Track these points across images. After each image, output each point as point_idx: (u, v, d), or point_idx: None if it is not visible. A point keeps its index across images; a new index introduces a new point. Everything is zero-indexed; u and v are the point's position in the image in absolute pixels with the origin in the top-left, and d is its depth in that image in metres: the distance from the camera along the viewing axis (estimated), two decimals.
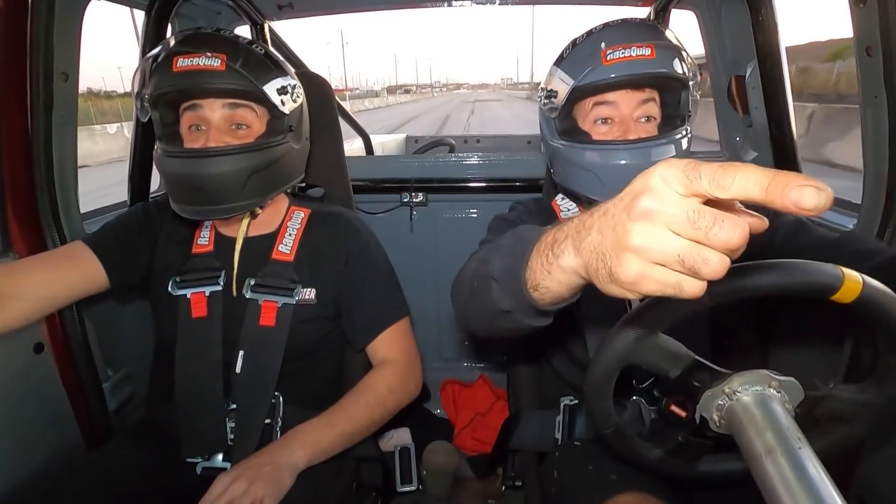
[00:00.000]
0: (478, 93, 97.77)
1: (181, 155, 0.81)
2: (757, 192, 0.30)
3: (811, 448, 0.47)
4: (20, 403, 0.91)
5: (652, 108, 0.82)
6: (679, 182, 0.33)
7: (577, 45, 0.83)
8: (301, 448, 0.81)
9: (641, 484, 0.72)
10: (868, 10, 0.83)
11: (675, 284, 0.34)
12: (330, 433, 0.84)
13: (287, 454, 0.80)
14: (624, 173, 0.78)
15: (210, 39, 0.81)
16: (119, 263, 0.91)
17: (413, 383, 0.97)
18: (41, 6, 0.91)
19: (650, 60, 0.75)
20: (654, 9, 1.54)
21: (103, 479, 0.79)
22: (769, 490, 0.45)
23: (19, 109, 0.91)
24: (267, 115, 0.86)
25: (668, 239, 0.33)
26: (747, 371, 0.54)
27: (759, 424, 0.50)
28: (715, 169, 0.31)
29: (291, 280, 0.91)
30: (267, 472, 0.76)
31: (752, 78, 1.50)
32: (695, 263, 0.33)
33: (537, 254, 0.47)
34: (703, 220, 0.32)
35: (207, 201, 0.81)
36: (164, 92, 0.80)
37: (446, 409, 1.84)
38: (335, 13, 1.85)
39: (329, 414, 0.87)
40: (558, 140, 0.85)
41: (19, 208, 0.93)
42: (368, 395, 0.90)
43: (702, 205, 0.33)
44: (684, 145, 0.81)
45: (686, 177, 0.32)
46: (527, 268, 0.49)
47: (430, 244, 1.82)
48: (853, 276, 0.49)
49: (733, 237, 0.32)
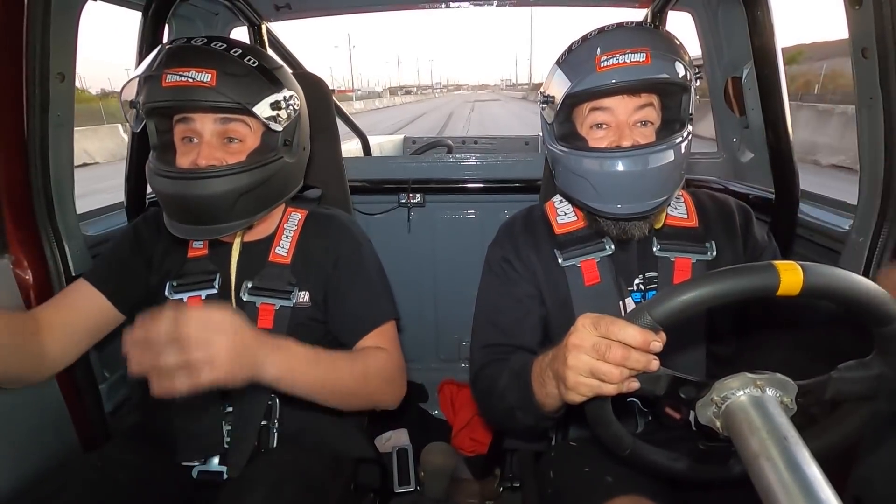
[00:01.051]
0: (477, 94, 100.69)
1: (170, 175, 0.79)
2: (630, 342, 0.53)
3: (805, 446, 0.47)
4: (16, 405, 0.90)
5: (649, 112, 0.81)
6: (592, 327, 0.56)
7: (572, 50, 0.82)
8: (277, 365, 0.72)
9: (638, 486, 0.72)
10: (863, 12, 0.83)
11: (596, 387, 0.56)
12: (306, 371, 0.77)
13: (264, 359, 0.71)
14: (616, 181, 0.78)
15: (201, 53, 0.79)
16: (120, 293, 0.91)
17: (398, 386, 0.93)
18: (37, 7, 0.90)
19: (645, 66, 0.74)
20: (651, 10, 1.55)
21: (99, 481, 0.79)
22: (765, 491, 0.45)
23: (15, 110, 0.91)
24: (261, 127, 0.84)
25: (583, 360, 0.56)
26: (728, 376, 0.53)
27: (751, 426, 0.50)
28: (610, 323, 0.54)
29: (289, 283, 0.91)
30: (239, 353, 0.67)
31: (749, 79, 1.50)
32: (601, 374, 0.55)
33: (535, 384, 0.71)
34: (601, 346, 0.54)
35: (197, 221, 0.80)
36: (154, 106, 0.79)
37: (444, 409, 1.84)
38: (332, 14, 1.85)
39: (318, 353, 0.79)
40: (556, 145, 0.85)
41: (15, 209, 0.93)
42: (357, 365, 0.86)
43: (602, 338, 0.54)
44: (683, 149, 0.79)
45: (594, 324, 0.56)
46: (534, 395, 0.71)
47: (428, 245, 1.82)
48: (790, 266, 0.48)
49: (618, 354, 0.53)
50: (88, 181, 1.00)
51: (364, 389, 0.86)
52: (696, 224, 0.89)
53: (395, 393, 0.93)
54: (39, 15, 0.91)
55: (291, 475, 0.82)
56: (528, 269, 0.90)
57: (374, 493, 1.03)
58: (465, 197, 1.78)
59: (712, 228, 0.89)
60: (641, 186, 0.78)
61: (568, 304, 0.87)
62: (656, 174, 0.77)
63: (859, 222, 0.95)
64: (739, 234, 0.88)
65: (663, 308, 0.51)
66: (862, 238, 0.93)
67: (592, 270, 0.87)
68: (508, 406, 0.78)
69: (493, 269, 0.93)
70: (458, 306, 1.75)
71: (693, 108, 0.82)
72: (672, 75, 0.76)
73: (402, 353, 0.95)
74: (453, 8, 1.73)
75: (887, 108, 0.84)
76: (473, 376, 0.90)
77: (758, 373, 0.53)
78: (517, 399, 0.75)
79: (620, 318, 0.54)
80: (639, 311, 0.53)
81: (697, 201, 0.92)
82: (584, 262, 0.87)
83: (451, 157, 2.10)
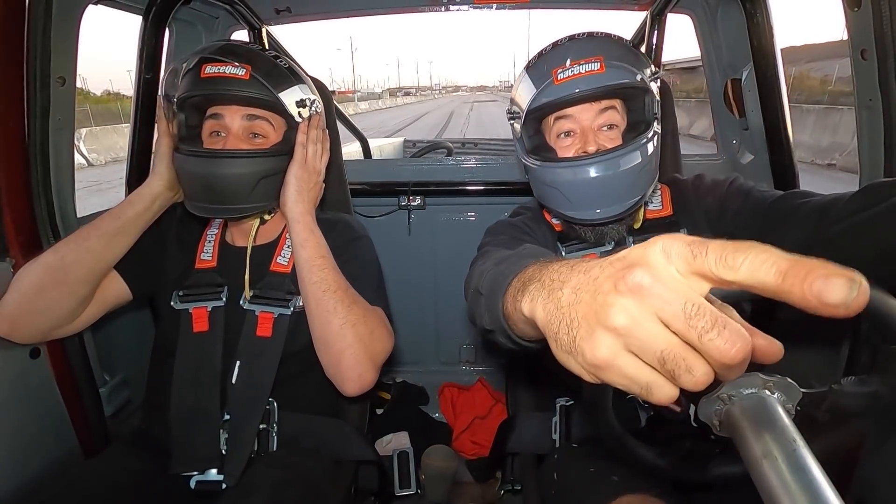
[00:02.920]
0: (476, 95, 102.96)
1: (196, 154, 0.85)
2: (772, 278, 0.25)
3: (810, 450, 0.47)
4: (16, 409, 0.90)
5: (612, 115, 0.84)
6: (682, 259, 0.28)
7: (530, 67, 0.85)
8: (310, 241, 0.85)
9: (644, 485, 0.72)
10: (862, 13, 0.83)
11: (645, 386, 0.30)
12: (322, 265, 0.84)
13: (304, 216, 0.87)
14: (586, 188, 0.80)
15: (238, 50, 0.86)
16: (137, 273, 0.93)
17: (385, 341, 0.87)
18: (38, 10, 0.91)
19: (600, 74, 0.78)
20: (650, 13, 1.55)
21: (99, 488, 0.79)
22: (768, 493, 0.45)
23: (16, 113, 0.91)
24: (284, 125, 0.90)
25: (653, 328, 0.28)
26: (740, 375, 0.54)
27: (756, 427, 0.50)
28: (724, 246, 0.27)
29: (288, 291, 0.91)
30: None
31: (748, 81, 1.50)
32: (676, 367, 0.28)
33: (513, 285, 0.43)
34: (701, 318, 0.27)
35: (219, 200, 0.85)
36: (191, 95, 0.85)
37: (445, 412, 1.83)
38: (332, 18, 1.85)
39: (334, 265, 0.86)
40: (527, 158, 0.88)
41: (16, 212, 0.93)
42: (359, 302, 0.85)
43: (704, 300, 0.28)
44: (650, 150, 0.82)
45: (691, 252, 0.28)
46: (505, 294, 0.45)
47: (428, 248, 1.82)
48: None
49: (730, 350, 0.27)
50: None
51: (347, 321, 0.81)
52: (671, 212, 0.90)
53: (381, 348, 0.86)
54: (40, 18, 0.91)
55: (291, 479, 0.82)
56: (536, 240, 0.89)
57: (374, 496, 1.03)
58: (465, 199, 1.78)
59: (687, 212, 0.90)
60: (612, 190, 0.80)
61: None
62: (625, 177, 0.79)
63: None
64: (719, 204, 0.87)
65: None
66: None
67: None
68: (475, 288, 0.58)
69: (496, 230, 0.90)
70: (459, 309, 1.74)
71: (657, 107, 0.84)
72: (630, 80, 0.79)
73: (392, 338, 0.90)
74: (453, 11, 1.73)
75: (886, 110, 0.84)
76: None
77: (769, 375, 0.53)
78: (489, 284, 0.52)
79: None
80: None
81: (677, 191, 0.94)
82: (587, 256, 0.88)
83: (451, 160, 2.11)
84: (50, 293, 0.83)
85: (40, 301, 0.83)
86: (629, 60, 0.80)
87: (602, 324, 0.29)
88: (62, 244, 0.85)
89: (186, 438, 0.87)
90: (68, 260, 0.83)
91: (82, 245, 0.84)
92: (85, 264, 0.84)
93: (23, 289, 0.83)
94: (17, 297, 0.83)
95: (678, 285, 0.28)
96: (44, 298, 0.83)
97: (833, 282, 0.24)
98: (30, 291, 0.82)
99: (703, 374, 0.28)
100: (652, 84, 0.82)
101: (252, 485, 0.81)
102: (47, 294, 0.83)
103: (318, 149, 0.91)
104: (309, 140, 0.89)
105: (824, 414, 0.57)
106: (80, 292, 0.86)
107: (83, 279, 0.85)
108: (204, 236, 0.97)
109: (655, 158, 0.84)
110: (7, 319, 0.83)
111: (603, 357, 0.30)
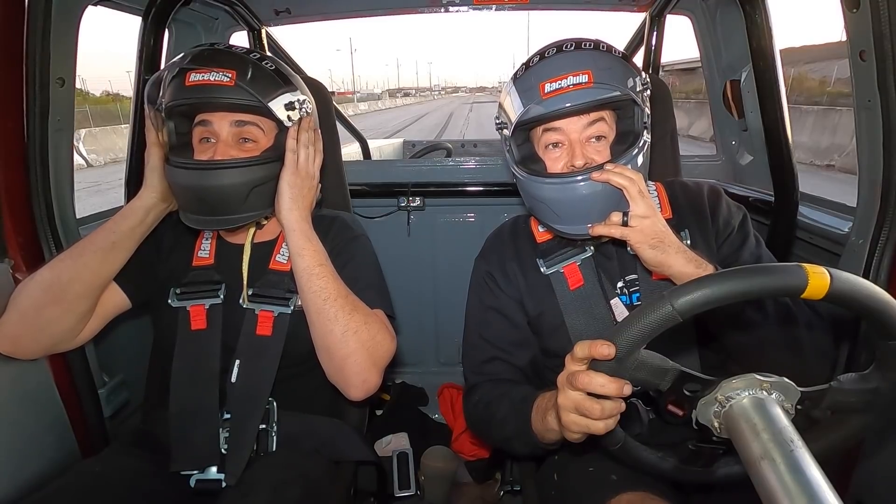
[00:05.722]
0: (475, 96, 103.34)
1: (186, 166, 0.83)
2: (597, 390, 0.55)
3: (808, 450, 0.47)
4: (16, 410, 0.90)
5: (601, 127, 0.82)
6: (568, 384, 0.58)
7: (517, 79, 0.83)
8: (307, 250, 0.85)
9: (643, 483, 0.72)
10: (861, 15, 0.84)
11: (585, 426, 0.58)
12: (320, 273, 0.84)
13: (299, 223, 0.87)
14: (575, 205, 0.79)
15: (221, 56, 0.84)
16: (136, 283, 0.92)
17: (387, 345, 0.86)
18: (37, 11, 0.91)
19: (588, 89, 0.75)
20: (649, 14, 1.56)
21: (98, 488, 0.79)
22: (767, 494, 0.45)
23: (15, 114, 0.91)
24: (275, 129, 0.88)
25: (571, 417, 0.59)
26: (736, 376, 0.53)
27: (755, 428, 0.50)
28: (574, 376, 0.56)
29: (288, 290, 0.91)
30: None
31: (747, 82, 1.51)
32: (585, 410, 0.57)
33: (535, 417, 0.74)
34: (582, 405, 0.57)
35: (211, 212, 0.83)
36: (176, 104, 0.83)
37: (444, 413, 1.83)
38: (331, 18, 1.85)
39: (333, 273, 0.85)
40: (516, 169, 0.87)
41: (15, 213, 0.93)
42: (360, 308, 0.85)
43: (579, 393, 0.57)
44: (639, 162, 0.80)
45: (569, 382, 0.58)
46: (533, 428, 0.74)
47: (428, 248, 1.82)
48: (818, 271, 0.49)
49: (595, 411, 0.57)
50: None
51: (347, 324, 0.82)
52: (671, 215, 0.89)
53: (382, 354, 0.86)
54: (40, 19, 0.91)
55: (291, 479, 0.82)
56: (512, 282, 0.92)
57: (374, 497, 1.03)
58: (464, 200, 1.78)
59: (685, 217, 0.89)
60: (600, 206, 0.78)
61: (557, 311, 0.87)
62: (613, 192, 0.77)
63: (859, 224, 0.95)
64: (709, 215, 0.88)
65: (687, 300, 0.50)
66: (861, 240, 0.93)
67: (575, 274, 0.88)
68: (507, 436, 0.81)
69: (478, 283, 0.96)
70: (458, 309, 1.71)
71: (647, 117, 0.83)
72: (619, 92, 0.77)
73: (394, 340, 0.89)
74: (452, 12, 1.73)
75: (885, 111, 0.84)
76: (466, 392, 0.91)
77: (765, 375, 0.53)
78: (515, 430, 0.78)
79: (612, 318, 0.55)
80: (674, 293, 0.51)
81: (671, 193, 0.93)
82: (567, 267, 0.88)
83: (451, 161, 2.11)
84: (49, 311, 0.82)
85: (40, 319, 0.82)
86: (618, 72, 0.78)
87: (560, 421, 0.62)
88: (58, 261, 0.84)
89: (186, 437, 0.87)
90: (65, 277, 0.82)
91: (78, 261, 0.84)
92: (82, 281, 0.83)
93: (21, 307, 0.82)
94: (16, 316, 0.82)
95: (572, 396, 0.59)
96: (43, 316, 0.82)
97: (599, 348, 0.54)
98: (29, 310, 0.82)
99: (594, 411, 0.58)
100: (643, 93, 0.81)
101: (252, 485, 0.81)
102: (47, 312, 0.82)
103: (309, 152, 0.88)
104: (300, 144, 0.87)
105: (825, 411, 0.57)
106: (80, 308, 0.85)
107: (82, 295, 0.84)
108: (201, 233, 0.96)
109: (645, 169, 0.83)
110: (8, 338, 0.83)
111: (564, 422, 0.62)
